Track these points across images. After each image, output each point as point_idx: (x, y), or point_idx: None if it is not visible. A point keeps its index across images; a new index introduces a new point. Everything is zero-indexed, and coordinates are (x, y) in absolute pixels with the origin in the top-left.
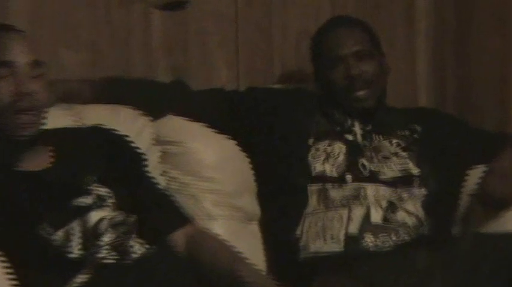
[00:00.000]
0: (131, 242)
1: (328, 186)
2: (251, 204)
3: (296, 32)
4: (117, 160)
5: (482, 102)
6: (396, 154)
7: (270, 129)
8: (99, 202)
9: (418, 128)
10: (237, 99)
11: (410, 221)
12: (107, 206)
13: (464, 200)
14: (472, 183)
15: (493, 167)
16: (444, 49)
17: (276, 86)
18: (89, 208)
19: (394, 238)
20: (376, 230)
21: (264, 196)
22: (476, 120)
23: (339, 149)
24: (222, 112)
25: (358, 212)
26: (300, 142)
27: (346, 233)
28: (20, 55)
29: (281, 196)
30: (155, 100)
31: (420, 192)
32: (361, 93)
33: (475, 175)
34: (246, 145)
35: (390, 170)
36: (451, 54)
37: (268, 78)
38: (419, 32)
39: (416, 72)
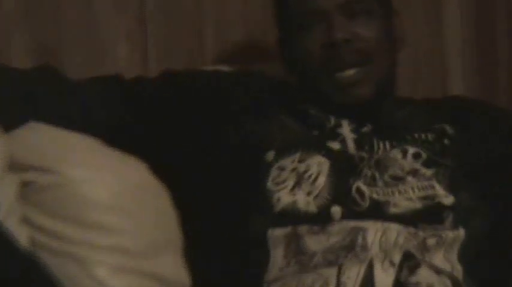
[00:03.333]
0: None
1: (303, 229)
2: (173, 268)
3: None
4: None
5: None
6: (415, 173)
7: (203, 140)
8: None
9: (450, 130)
10: (146, 93)
11: (440, 284)
12: None
13: None
14: None
15: None
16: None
17: (211, 68)
18: None
19: None
20: None
21: (196, 253)
22: None
23: (319, 166)
24: (121, 115)
25: (353, 273)
26: (253, 158)
27: None
28: None
29: (225, 252)
30: (6, 98)
31: (456, 235)
32: (348, 73)
33: None
34: (165, 168)
35: (405, 198)
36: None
37: (197, 56)
38: None
39: (446, 44)
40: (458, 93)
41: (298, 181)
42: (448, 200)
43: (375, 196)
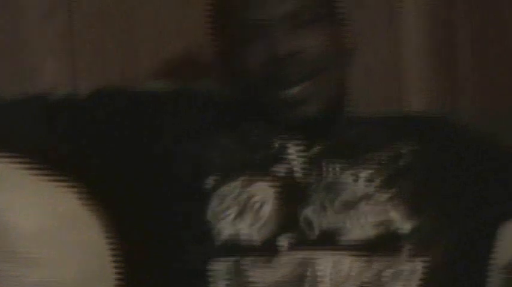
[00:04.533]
0: None
1: (247, 262)
2: None
3: None
4: None
5: None
6: (368, 198)
7: (137, 165)
8: None
9: (405, 150)
10: (75, 113)
11: None
12: None
13: (494, 279)
14: (508, 250)
15: None
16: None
17: (145, 86)
18: None
19: None
20: None
21: (134, 284)
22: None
23: (263, 193)
24: (49, 136)
25: None
26: (191, 184)
27: None
28: None
29: (163, 285)
30: None
31: (414, 266)
32: (294, 89)
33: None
34: (96, 194)
35: (358, 226)
36: (463, 20)
37: (130, 72)
38: None
39: (403, 56)
40: (415, 108)
41: (241, 210)
42: (405, 227)
43: (324, 224)
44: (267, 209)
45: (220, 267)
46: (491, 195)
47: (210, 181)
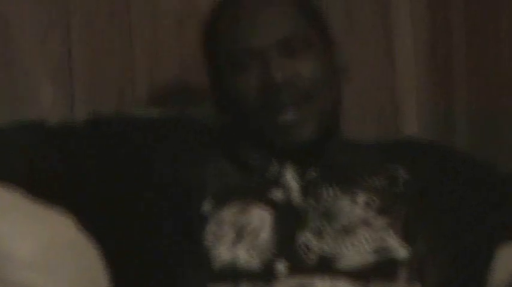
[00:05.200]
0: None
1: None
2: None
3: (174, 18)
4: None
5: None
6: (366, 222)
7: (134, 190)
8: None
9: (403, 174)
10: (73, 140)
11: None
12: None
13: None
14: (505, 271)
15: None
16: (445, 38)
17: (142, 113)
18: None
19: None
20: None
21: None
22: (508, 160)
23: (261, 218)
24: (46, 162)
25: None
26: (188, 210)
27: None
28: None
29: None
30: None
31: None
32: (289, 114)
33: (509, 258)
34: (93, 221)
35: (356, 252)
36: (459, 46)
37: (128, 98)
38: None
39: (397, 80)
40: (411, 133)
41: (239, 235)
42: (402, 253)
43: (322, 249)
44: (265, 234)
45: None
46: (486, 218)
47: (207, 206)
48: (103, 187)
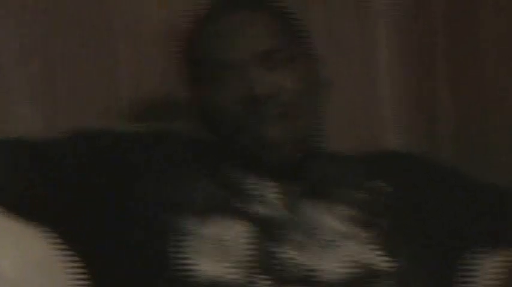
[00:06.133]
0: None
1: None
2: None
3: (156, 33)
4: None
5: (503, 139)
6: (347, 236)
7: (114, 206)
8: None
9: (385, 188)
10: (52, 156)
11: None
12: None
13: None
14: (488, 280)
15: None
16: (424, 47)
17: (124, 128)
18: None
19: None
20: None
21: None
22: (491, 173)
23: (241, 233)
24: (24, 180)
25: None
26: (169, 226)
27: None
28: None
29: None
30: None
31: None
32: (271, 129)
33: (491, 267)
34: (74, 238)
35: (337, 265)
36: (442, 55)
37: (106, 115)
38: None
39: (378, 93)
40: (391, 146)
41: (217, 251)
42: (384, 265)
43: (302, 263)
44: (244, 250)
45: None
46: (468, 229)
47: (187, 222)
48: (84, 202)
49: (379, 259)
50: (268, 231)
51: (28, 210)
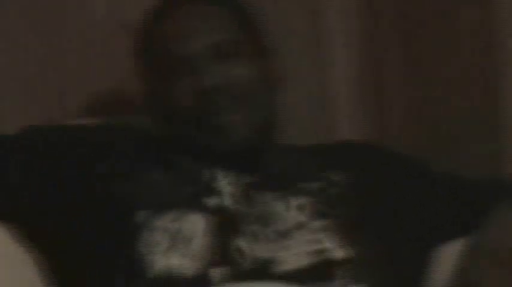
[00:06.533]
0: None
1: None
2: None
3: (106, 29)
4: None
5: (455, 125)
6: (301, 226)
7: (67, 200)
8: None
9: (338, 178)
10: (4, 151)
11: None
12: None
13: None
14: (445, 270)
15: (478, 243)
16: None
17: (74, 123)
18: None
19: None
20: None
21: None
22: (444, 158)
23: (194, 225)
24: None
25: None
26: (122, 220)
27: None
28: None
29: None
30: None
31: None
32: (223, 119)
33: (446, 258)
34: (28, 232)
35: (292, 255)
36: (392, 51)
37: (56, 111)
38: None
39: (331, 84)
40: (345, 137)
41: (172, 243)
42: (338, 254)
43: (257, 254)
44: (199, 241)
45: None
46: (424, 217)
47: (141, 216)
48: (36, 196)
49: (332, 247)
50: (221, 222)
51: None
